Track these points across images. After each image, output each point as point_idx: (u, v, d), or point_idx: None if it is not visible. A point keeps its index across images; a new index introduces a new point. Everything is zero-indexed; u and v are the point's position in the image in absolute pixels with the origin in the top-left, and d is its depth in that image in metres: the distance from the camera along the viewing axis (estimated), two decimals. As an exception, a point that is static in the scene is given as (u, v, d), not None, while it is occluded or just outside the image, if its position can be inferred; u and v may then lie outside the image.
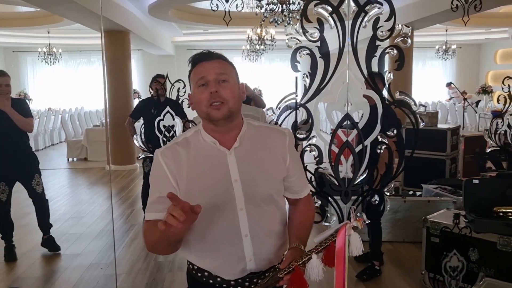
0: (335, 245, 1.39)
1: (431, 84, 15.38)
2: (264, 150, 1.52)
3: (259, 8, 5.43)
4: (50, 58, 12.69)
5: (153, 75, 4.95)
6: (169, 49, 13.94)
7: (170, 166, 1.45)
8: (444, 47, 13.00)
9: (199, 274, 1.56)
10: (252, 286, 1.51)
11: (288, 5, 5.25)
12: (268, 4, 5.39)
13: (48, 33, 12.32)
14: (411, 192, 5.85)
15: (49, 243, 4.43)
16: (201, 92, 1.42)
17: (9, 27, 11.42)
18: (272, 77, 14.43)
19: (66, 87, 14.94)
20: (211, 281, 1.54)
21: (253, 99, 4.72)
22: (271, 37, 9.06)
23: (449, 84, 12.92)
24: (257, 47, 10.36)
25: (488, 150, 4.32)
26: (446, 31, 12.47)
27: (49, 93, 15.09)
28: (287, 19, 5.36)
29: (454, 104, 12.60)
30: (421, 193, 5.32)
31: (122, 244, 4.60)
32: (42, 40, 12.90)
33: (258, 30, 9.13)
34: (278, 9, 5.32)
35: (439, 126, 6.28)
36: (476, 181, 3.54)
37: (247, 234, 1.49)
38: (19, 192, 7.06)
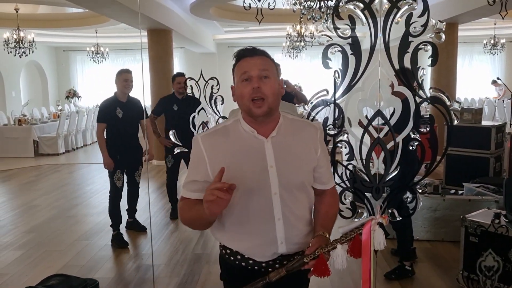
0: (360, 238, 1.50)
1: (478, 80, 14.80)
2: (298, 140, 1.62)
3: (297, 5, 5.45)
4: (98, 57, 13.18)
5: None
6: (210, 46, 14.14)
7: (209, 151, 1.56)
8: (492, 41, 12.48)
9: (232, 258, 1.65)
10: (278, 266, 1.59)
11: (326, 1, 5.23)
12: (305, 1, 5.41)
13: (96, 33, 12.80)
14: (453, 191, 5.69)
15: (135, 224, 4.88)
16: (244, 86, 1.53)
17: (60, 27, 11.96)
18: (313, 73, 14.34)
19: (113, 84, 15.43)
20: (243, 263, 1.63)
21: (296, 95, 4.76)
22: (311, 33, 9.03)
23: (494, 82, 12.39)
24: (297, 43, 10.35)
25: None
26: (495, 24, 11.96)
27: (97, 90, 15.66)
28: (325, 15, 5.35)
29: (503, 101, 12.09)
30: (463, 192, 5.18)
31: (162, 237, 4.76)
32: (90, 39, 13.43)
33: (298, 27, 9.12)
34: (316, 5, 5.32)
35: (484, 123, 6.09)
36: (518, 180, 3.44)
37: (279, 217, 1.58)
38: (68, 184, 7.46)
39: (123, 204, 4.77)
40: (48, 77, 15.31)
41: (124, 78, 4.57)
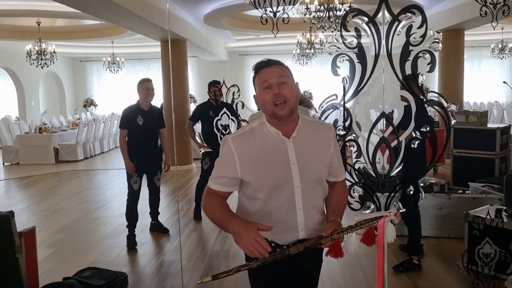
0: (374, 230, 1.75)
1: (487, 84, 14.95)
2: (315, 139, 1.85)
3: (307, 15, 5.74)
4: (114, 67, 13.59)
5: (208, 80, 5.39)
6: (222, 55, 14.48)
7: (238, 150, 1.78)
8: (500, 46, 12.65)
9: None
10: (297, 244, 1.79)
11: (334, 11, 5.51)
12: (315, 11, 5.69)
13: (112, 43, 13.23)
14: (460, 191, 5.89)
15: (158, 226, 5.17)
16: (266, 93, 1.75)
17: (77, 39, 12.41)
18: (323, 80, 14.61)
19: (127, 93, 15.90)
20: None
21: (303, 101, 5.11)
22: (320, 41, 9.31)
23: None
24: (307, 51, 10.64)
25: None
26: (502, 29, 12.14)
27: (113, 99, 16.09)
28: (334, 25, 5.63)
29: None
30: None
31: (182, 235, 5.04)
32: (106, 49, 13.87)
33: (308, 35, 9.41)
34: (325, 15, 5.60)
35: (490, 125, 6.30)
36: (518, 177, 3.67)
37: (300, 207, 1.82)
38: (89, 189, 7.78)
39: (145, 207, 5.10)
40: (65, 86, 15.79)
41: (146, 87, 4.75)
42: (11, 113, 13.98)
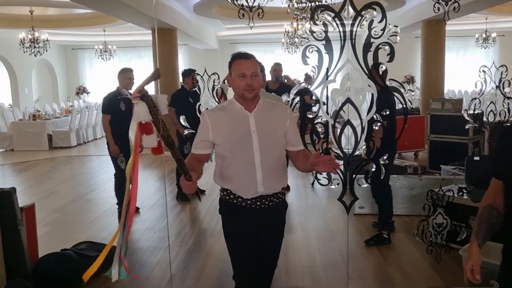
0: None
1: (473, 72, 15.29)
2: (272, 114, 2.35)
3: (290, 6, 6.00)
4: (106, 55, 13.77)
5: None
6: (213, 43, 14.69)
7: (211, 120, 2.30)
8: (483, 35, 12.97)
9: (227, 198, 2.36)
10: (259, 203, 2.30)
11: (316, 3, 5.77)
12: (298, 3, 5.95)
13: (104, 31, 13.39)
14: (437, 175, 6.23)
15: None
16: (240, 80, 2.24)
17: (69, 27, 12.56)
18: (311, 68, 14.83)
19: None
20: (235, 201, 2.33)
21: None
22: (308, 30, 9.56)
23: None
24: (296, 39, 10.90)
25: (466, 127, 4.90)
26: (486, 19, 12.46)
27: (104, 86, 16.25)
28: (315, 16, 5.89)
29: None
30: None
31: (172, 214, 5.36)
32: (98, 37, 14.02)
33: (295, 24, 9.66)
34: (308, 7, 5.87)
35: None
36: (477, 158, 4.02)
37: (259, 166, 2.29)
38: (83, 173, 8.05)
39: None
40: (58, 74, 15.94)
41: (128, 77, 5.04)
42: (4, 100, 14.15)
